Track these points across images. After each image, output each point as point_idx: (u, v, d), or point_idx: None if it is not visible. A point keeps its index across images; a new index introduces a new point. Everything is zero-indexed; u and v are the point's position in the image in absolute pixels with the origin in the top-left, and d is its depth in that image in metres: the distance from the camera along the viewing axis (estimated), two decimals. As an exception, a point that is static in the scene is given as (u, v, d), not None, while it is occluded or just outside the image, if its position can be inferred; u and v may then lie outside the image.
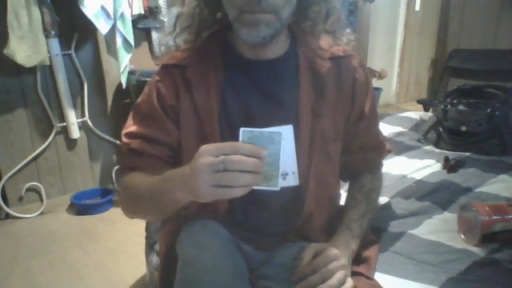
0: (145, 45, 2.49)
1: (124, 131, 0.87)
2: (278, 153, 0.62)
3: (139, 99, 0.88)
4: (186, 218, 0.81)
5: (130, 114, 0.89)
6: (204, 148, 0.59)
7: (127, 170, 0.84)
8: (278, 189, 0.63)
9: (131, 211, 0.85)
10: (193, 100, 0.82)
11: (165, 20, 2.31)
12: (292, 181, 0.64)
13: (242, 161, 0.57)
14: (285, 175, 0.63)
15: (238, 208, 0.84)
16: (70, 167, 2.40)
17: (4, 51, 1.93)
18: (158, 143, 0.84)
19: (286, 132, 0.62)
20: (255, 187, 0.60)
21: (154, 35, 2.43)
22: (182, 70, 0.83)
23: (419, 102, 3.17)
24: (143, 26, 2.39)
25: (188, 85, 0.83)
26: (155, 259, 1.24)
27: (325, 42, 0.88)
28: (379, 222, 1.14)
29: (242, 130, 0.61)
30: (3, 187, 2.22)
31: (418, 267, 0.95)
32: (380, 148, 0.98)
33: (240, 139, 0.61)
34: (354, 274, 0.81)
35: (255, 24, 0.73)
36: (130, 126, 0.87)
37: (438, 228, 1.12)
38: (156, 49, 0.92)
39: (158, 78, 0.85)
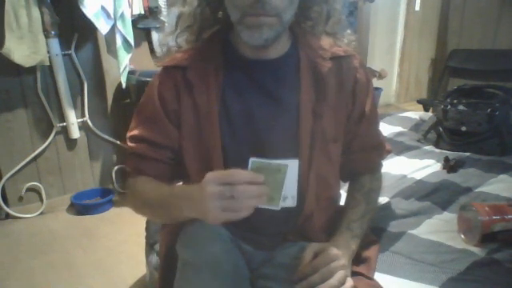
0: (145, 45, 2.48)
1: (128, 134, 0.89)
2: (282, 181, 0.68)
3: (142, 100, 0.89)
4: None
5: (134, 116, 0.90)
6: (209, 177, 0.65)
7: (134, 174, 0.88)
8: (278, 208, 0.69)
9: (140, 213, 0.89)
10: (194, 101, 0.83)
11: (165, 20, 2.30)
12: (290, 203, 0.74)
13: (247, 190, 0.63)
14: (285, 198, 0.71)
15: (239, 208, 0.85)
16: (70, 167, 2.40)
17: (1, 50, 1.93)
18: (160, 147, 0.85)
19: (292, 165, 0.69)
20: (258, 205, 0.67)
21: (154, 35, 2.42)
22: (183, 71, 0.84)
23: (419, 101, 3.18)
24: (143, 26, 2.39)
25: (189, 85, 0.83)
26: (155, 259, 1.24)
27: (326, 41, 0.88)
28: (379, 222, 1.14)
29: (251, 160, 0.68)
30: (3, 187, 2.22)
31: (418, 267, 0.95)
32: (380, 148, 0.98)
33: (249, 168, 0.68)
34: (354, 273, 0.81)
35: (258, 27, 0.74)
36: (134, 129, 0.88)
37: (438, 228, 1.12)
38: (157, 49, 0.93)
39: (159, 80, 0.86)
